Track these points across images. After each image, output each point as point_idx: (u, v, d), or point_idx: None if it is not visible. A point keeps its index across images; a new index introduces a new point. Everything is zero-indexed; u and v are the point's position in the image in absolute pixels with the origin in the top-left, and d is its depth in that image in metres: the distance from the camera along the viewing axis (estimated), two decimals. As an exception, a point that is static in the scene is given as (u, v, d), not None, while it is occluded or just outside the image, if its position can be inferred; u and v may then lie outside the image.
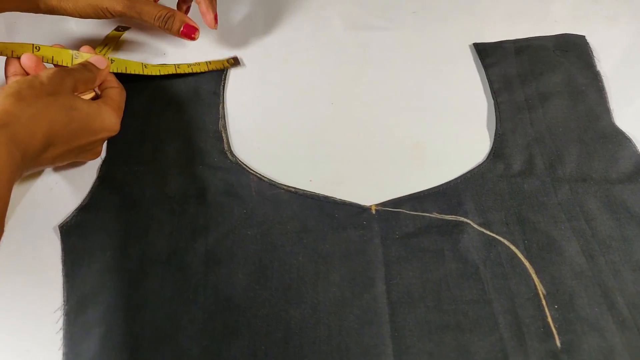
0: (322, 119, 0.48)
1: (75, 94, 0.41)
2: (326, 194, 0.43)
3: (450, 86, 0.50)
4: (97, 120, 0.40)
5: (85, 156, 0.43)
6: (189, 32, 0.48)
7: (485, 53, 0.52)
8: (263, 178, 0.44)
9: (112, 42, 0.53)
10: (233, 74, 0.52)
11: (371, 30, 0.55)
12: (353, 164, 0.45)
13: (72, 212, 0.43)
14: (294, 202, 0.43)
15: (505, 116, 0.47)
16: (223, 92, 0.50)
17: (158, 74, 0.49)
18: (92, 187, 0.44)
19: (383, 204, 0.43)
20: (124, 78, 0.49)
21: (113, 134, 0.43)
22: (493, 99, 0.49)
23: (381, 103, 0.49)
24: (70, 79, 0.40)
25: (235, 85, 0.51)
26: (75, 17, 0.47)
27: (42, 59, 0.44)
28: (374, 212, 0.42)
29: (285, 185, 0.43)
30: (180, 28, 0.48)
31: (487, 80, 0.50)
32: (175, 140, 0.47)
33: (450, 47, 0.53)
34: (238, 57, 0.53)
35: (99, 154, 0.45)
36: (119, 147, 0.46)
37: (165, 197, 0.43)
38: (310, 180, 0.45)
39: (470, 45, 0.53)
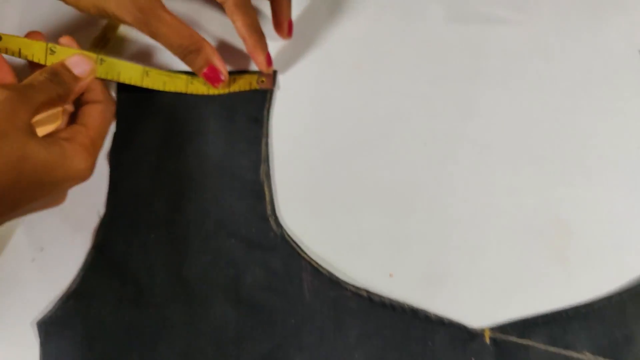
0: (409, 170, 0.33)
1: (35, 120, 0.29)
2: (415, 305, 0.28)
3: (613, 120, 0.33)
4: (59, 170, 0.28)
5: (44, 207, 0.31)
6: (212, 77, 0.34)
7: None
8: (321, 269, 0.30)
9: (111, 32, 0.38)
10: (282, 91, 0.36)
11: (488, 25, 0.37)
12: (457, 252, 0.30)
13: (56, 302, 0.31)
14: (365, 313, 0.29)
15: None
16: (268, 120, 0.35)
17: (162, 88, 0.35)
18: (84, 263, 0.32)
19: (502, 329, 0.28)
20: (128, 85, 0.35)
21: (82, 181, 0.30)
22: (684, 151, 0.31)
23: (502, 146, 0.33)
24: (27, 109, 0.27)
25: (284, 108, 0.36)
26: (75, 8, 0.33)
27: (6, 52, 0.31)
28: (488, 341, 0.28)
29: (352, 286, 0.29)
30: (203, 68, 0.34)
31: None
32: (199, 193, 0.33)
33: (612, 53, 0.35)
34: (276, 72, 0.37)
35: (62, 201, 0.32)
36: (124, 199, 0.33)
37: (182, 288, 0.30)
38: (391, 276, 0.30)
39: (644, 53, 0.35)
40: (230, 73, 0.36)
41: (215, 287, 0.30)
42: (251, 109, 0.35)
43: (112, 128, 0.35)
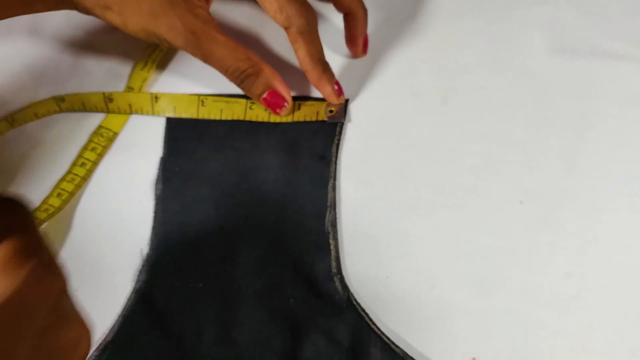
0: (500, 233, 0.28)
1: None
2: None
3: None
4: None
5: None
6: (274, 103, 0.30)
7: None
8: (394, 346, 0.26)
9: (158, 52, 0.35)
10: (354, 124, 0.32)
11: (601, 61, 0.31)
12: (554, 338, 0.26)
13: (91, 353, 0.27)
14: (444, 407, 0.25)
15: None
16: (336, 157, 0.31)
17: (219, 117, 0.32)
18: (123, 309, 0.28)
19: None
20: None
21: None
22: None
23: (614, 211, 0.28)
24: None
25: (355, 145, 0.31)
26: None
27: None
28: None
29: (431, 372, 0.25)
30: (263, 93, 0.30)
31: None
32: (254, 240, 0.29)
33: None
34: (347, 101, 0.32)
35: None
36: (170, 239, 0.30)
37: (232, 352, 0.27)
38: (474, 361, 0.26)
39: None
40: (295, 99, 0.32)
41: (268, 354, 0.26)
42: (317, 143, 0.31)
43: (159, 152, 0.32)
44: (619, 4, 0.33)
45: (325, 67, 0.30)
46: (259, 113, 0.32)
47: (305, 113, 0.32)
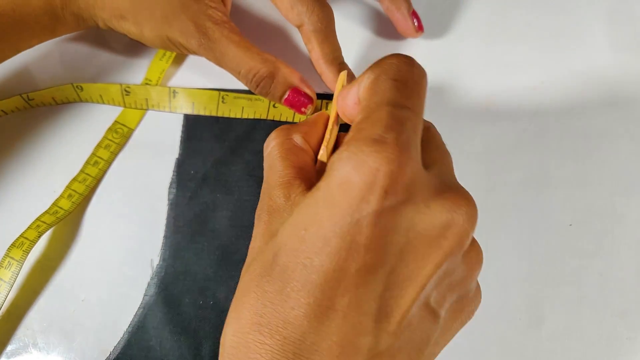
0: (544, 260, 0.25)
1: None
2: None
3: None
4: None
5: None
6: (298, 102, 0.28)
7: None
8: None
9: None
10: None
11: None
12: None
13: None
14: None
15: None
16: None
17: (240, 115, 0.30)
18: (130, 325, 0.27)
19: None
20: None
21: None
22: None
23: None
24: None
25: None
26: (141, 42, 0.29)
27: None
28: None
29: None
30: (283, 94, 0.28)
31: None
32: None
33: None
34: None
35: None
36: (183, 250, 0.28)
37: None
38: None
39: None
40: (321, 97, 0.29)
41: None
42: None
43: (175, 152, 0.30)
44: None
45: (341, 69, 0.27)
46: (282, 112, 0.29)
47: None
